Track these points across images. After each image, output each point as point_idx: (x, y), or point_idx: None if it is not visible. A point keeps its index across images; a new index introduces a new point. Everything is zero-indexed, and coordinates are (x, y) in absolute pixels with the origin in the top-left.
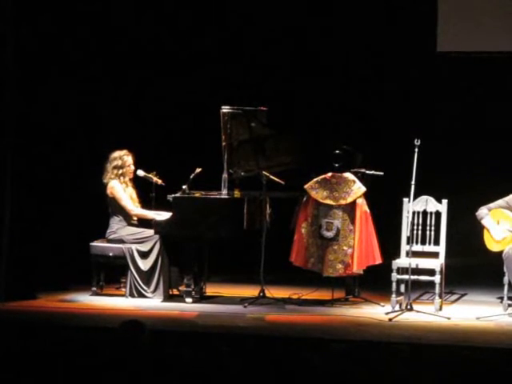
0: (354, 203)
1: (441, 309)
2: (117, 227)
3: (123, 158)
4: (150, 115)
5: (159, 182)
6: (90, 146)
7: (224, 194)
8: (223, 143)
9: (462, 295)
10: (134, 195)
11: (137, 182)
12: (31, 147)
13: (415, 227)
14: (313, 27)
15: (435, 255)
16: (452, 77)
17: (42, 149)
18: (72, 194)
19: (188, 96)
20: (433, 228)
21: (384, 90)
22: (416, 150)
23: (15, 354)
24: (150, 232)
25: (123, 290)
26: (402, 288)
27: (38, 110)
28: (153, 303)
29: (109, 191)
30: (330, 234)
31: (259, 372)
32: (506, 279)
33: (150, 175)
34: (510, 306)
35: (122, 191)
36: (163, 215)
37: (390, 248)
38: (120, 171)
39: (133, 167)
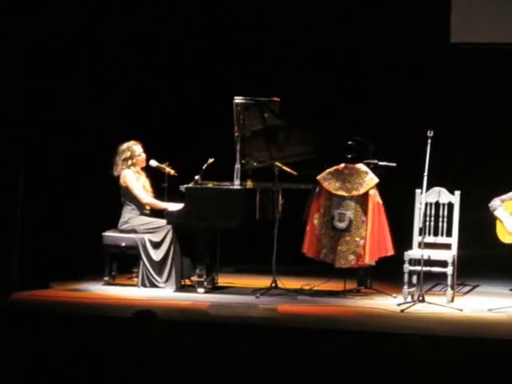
0: (366, 194)
1: (453, 300)
2: (129, 216)
3: (132, 148)
4: (162, 105)
5: (172, 172)
6: (102, 136)
7: (236, 184)
8: (236, 134)
9: (474, 287)
10: (148, 185)
11: (149, 172)
12: (44, 137)
13: (428, 218)
14: (325, 18)
15: (447, 247)
16: (465, 68)
17: (54, 138)
18: (85, 184)
19: (201, 86)
20: (445, 219)
21: (397, 81)
22: (429, 141)
23: (28, 344)
24: (163, 222)
25: (135, 279)
26: (414, 279)
27: (50, 99)
28: (165, 293)
29: (122, 180)
30: (342, 225)
31: (271, 362)
32: None
33: (162, 165)
34: None
35: (135, 180)
36: (175, 206)
37: (402, 239)
38: (130, 162)
39: (144, 155)
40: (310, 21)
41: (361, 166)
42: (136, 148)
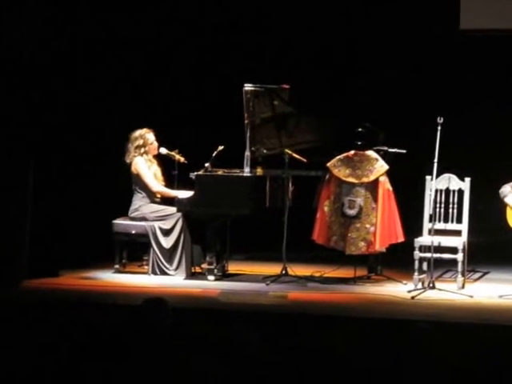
0: (376, 181)
1: (463, 287)
2: (139, 204)
3: (144, 136)
4: (172, 93)
5: (181, 159)
6: (112, 123)
7: (246, 171)
8: (246, 121)
9: (485, 273)
10: (159, 174)
11: (159, 160)
12: (54, 124)
13: (438, 205)
14: (335, 5)
15: (458, 233)
16: (475, 54)
17: (64, 125)
18: (95, 172)
19: (210, 73)
20: (455, 206)
21: (406, 68)
22: (439, 127)
23: (37, 332)
24: (173, 209)
25: (146, 267)
26: (425, 266)
27: (62, 87)
28: (175, 281)
29: (133, 168)
30: (352, 212)
31: (280, 349)
32: None
33: (172, 153)
34: None
35: (147, 168)
36: (185, 193)
37: (412, 226)
38: (142, 150)
39: (156, 143)
40: (321, 8)
41: (371, 153)
42: (149, 136)
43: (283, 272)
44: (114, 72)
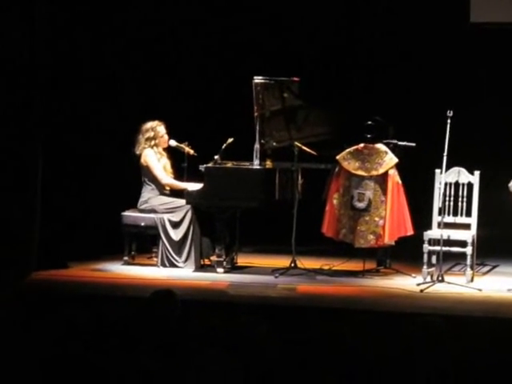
0: (385, 174)
1: (472, 280)
2: (148, 196)
3: (155, 128)
4: (182, 85)
5: (191, 152)
6: (121, 116)
7: (256, 164)
8: (255, 113)
9: (494, 267)
10: (169, 166)
11: (169, 152)
12: (64, 115)
13: (447, 198)
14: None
15: (467, 227)
16: (485, 48)
17: (75, 117)
18: (105, 163)
19: (220, 65)
20: (465, 199)
21: (416, 61)
22: (448, 121)
23: (46, 324)
24: (182, 202)
25: (155, 259)
26: (434, 259)
27: (73, 77)
28: (184, 273)
29: (143, 159)
30: (361, 205)
31: (289, 342)
32: None
33: (181, 145)
34: None
35: (156, 160)
36: (195, 185)
37: (421, 219)
38: (153, 142)
39: (166, 136)
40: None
41: (380, 146)
42: (160, 129)
43: (292, 265)
44: (121, 67)
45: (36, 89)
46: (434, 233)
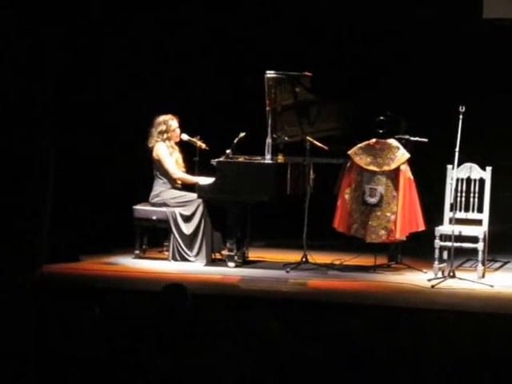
0: (397, 169)
1: (483, 276)
2: (160, 190)
3: (168, 122)
4: (194, 79)
5: (203, 146)
6: (134, 110)
7: (268, 158)
8: (267, 108)
9: (505, 263)
10: (180, 160)
11: (181, 146)
12: (76, 107)
13: (459, 194)
14: None
15: (478, 222)
16: (497, 43)
17: (87, 111)
18: (116, 157)
19: (232, 60)
20: (476, 195)
21: (429, 57)
22: (460, 116)
23: (57, 317)
24: (193, 196)
25: (166, 253)
26: (445, 255)
27: (84, 69)
28: (195, 267)
29: (154, 153)
30: (373, 200)
31: (300, 337)
32: None
33: (193, 139)
34: None
35: (168, 154)
36: (206, 180)
37: (433, 215)
38: (165, 136)
39: (178, 130)
40: None
41: (392, 142)
42: (172, 123)
43: (303, 259)
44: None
45: (46, 88)
46: (446, 228)
